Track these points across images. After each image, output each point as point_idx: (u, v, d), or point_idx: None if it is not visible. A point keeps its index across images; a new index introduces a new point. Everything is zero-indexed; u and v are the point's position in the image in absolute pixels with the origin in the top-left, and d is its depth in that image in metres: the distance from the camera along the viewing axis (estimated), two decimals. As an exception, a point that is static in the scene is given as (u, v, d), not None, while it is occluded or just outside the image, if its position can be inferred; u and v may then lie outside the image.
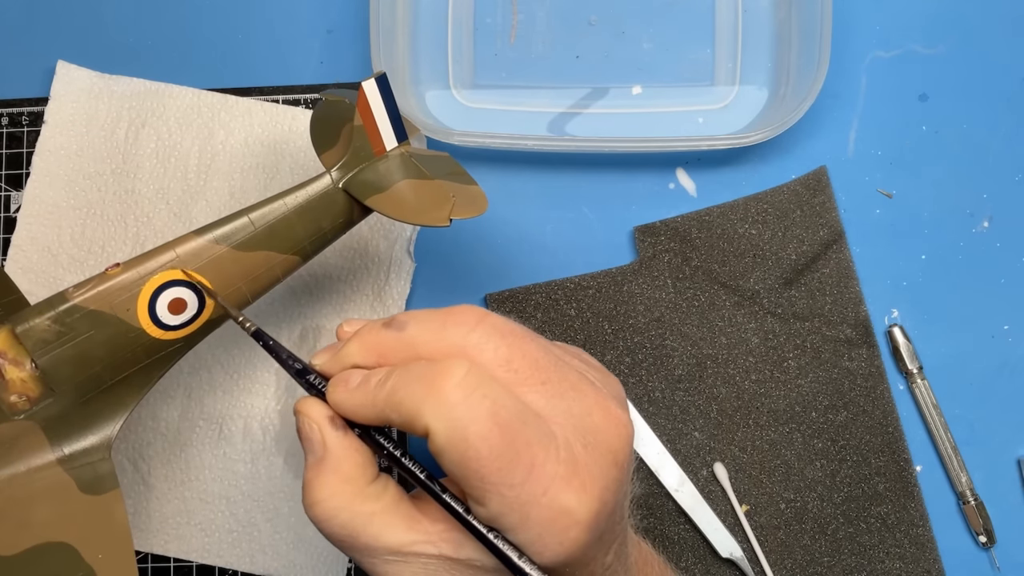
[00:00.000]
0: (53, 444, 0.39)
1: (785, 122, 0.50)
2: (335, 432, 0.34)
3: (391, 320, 0.34)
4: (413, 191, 0.42)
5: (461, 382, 0.31)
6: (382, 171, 0.43)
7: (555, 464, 0.31)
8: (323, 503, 0.33)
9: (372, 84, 0.41)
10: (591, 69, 0.54)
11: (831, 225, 0.52)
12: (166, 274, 0.40)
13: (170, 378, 0.52)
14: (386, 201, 0.42)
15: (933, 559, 0.51)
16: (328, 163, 0.42)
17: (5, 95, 0.54)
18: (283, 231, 0.41)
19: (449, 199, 0.42)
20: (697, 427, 0.51)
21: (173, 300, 0.40)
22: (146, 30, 0.55)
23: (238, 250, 0.41)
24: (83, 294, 0.39)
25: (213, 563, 0.51)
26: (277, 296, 0.52)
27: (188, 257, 0.40)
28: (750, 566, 0.51)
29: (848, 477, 0.51)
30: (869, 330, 0.52)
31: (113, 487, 0.39)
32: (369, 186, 0.42)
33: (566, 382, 0.33)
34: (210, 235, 0.40)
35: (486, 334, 0.33)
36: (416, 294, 0.53)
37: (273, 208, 0.41)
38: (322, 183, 0.42)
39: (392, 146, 0.43)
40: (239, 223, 0.41)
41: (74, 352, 0.39)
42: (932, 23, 0.54)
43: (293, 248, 0.42)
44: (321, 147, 0.43)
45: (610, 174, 0.54)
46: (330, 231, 0.43)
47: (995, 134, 0.53)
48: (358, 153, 0.42)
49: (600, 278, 0.52)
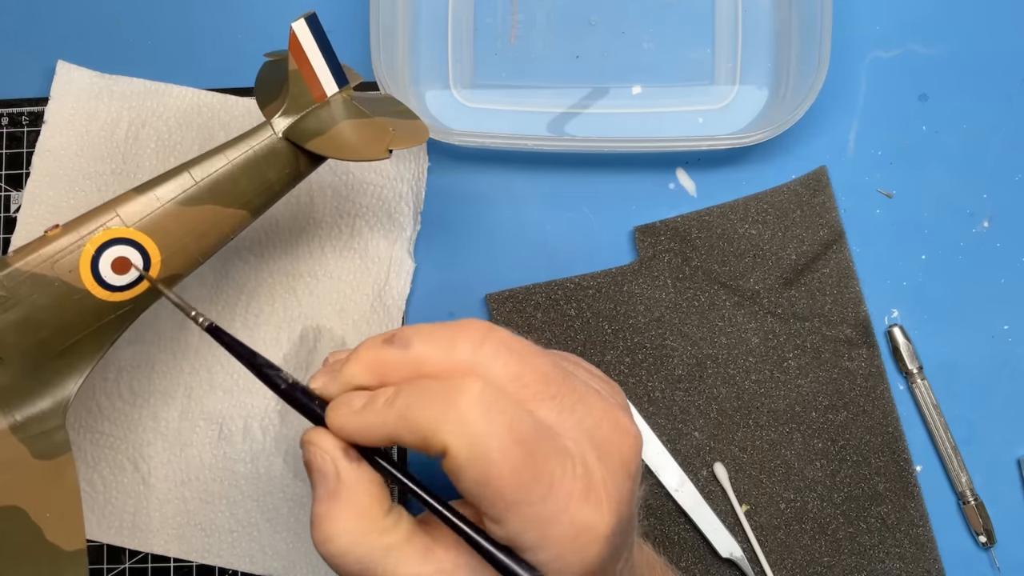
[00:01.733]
0: (5, 412, 0.39)
1: (785, 122, 0.50)
2: (350, 463, 0.32)
3: (393, 336, 0.33)
4: (354, 131, 0.42)
5: (478, 398, 0.30)
6: (323, 116, 0.42)
7: (572, 480, 0.31)
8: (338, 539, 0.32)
9: (302, 24, 0.40)
10: (591, 69, 0.54)
11: (831, 225, 0.52)
12: (107, 232, 0.39)
13: (170, 378, 0.52)
14: (327, 143, 0.41)
15: (933, 559, 0.51)
16: (269, 115, 0.42)
17: (5, 95, 0.54)
18: (227, 185, 0.41)
19: (388, 132, 0.42)
20: (697, 427, 0.51)
21: (116, 259, 0.39)
22: (146, 30, 0.55)
23: (181, 206, 0.40)
24: (23, 257, 0.38)
25: (213, 563, 0.51)
26: (277, 296, 0.52)
27: (129, 215, 0.39)
28: (750, 566, 0.51)
29: (848, 477, 0.51)
30: (869, 330, 0.52)
31: (65, 452, 0.39)
32: (310, 132, 0.42)
33: (575, 395, 0.33)
34: (151, 192, 0.40)
35: (495, 349, 0.32)
36: (416, 294, 0.53)
37: (214, 161, 0.41)
38: (263, 133, 0.42)
39: (332, 91, 0.43)
40: (180, 179, 0.40)
41: (18, 317, 0.38)
42: (932, 23, 0.54)
43: (239, 202, 0.41)
44: (264, 103, 0.43)
45: (610, 174, 0.54)
46: (277, 183, 0.42)
47: (995, 134, 0.53)
48: (297, 100, 0.42)
49: (600, 278, 0.52)
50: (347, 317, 0.52)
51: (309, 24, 0.41)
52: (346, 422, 0.32)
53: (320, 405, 0.33)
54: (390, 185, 0.53)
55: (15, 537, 0.38)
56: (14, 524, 0.38)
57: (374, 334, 0.52)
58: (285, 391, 0.34)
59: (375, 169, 0.53)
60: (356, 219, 0.53)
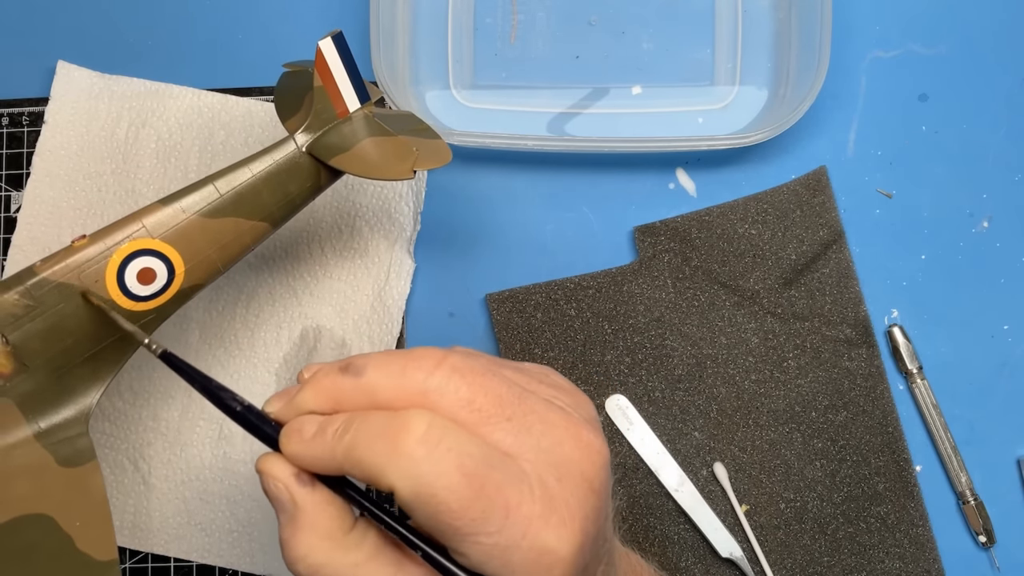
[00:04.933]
0: (29, 420, 0.39)
1: (785, 122, 0.50)
2: (303, 489, 0.33)
3: (348, 364, 0.33)
4: (376, 148, 0.43)
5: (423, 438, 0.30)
6: (346, 132, 0.43)
7: (531, 504, 0.30)
8: (303, 560, 0.32)
9: (329, 43, 0.41)
10: (591, 69, 0.54)
11: (831, 225, 0.53)
12: (134, 243, 0.39)
13: (170, 378, 0.52)
14: (350, 160, 0.42)
15: (933, 559, 0.51)
16: (292, 128, 0.43)
17: (5, 95, 0.54)
18: (250, 197, 0.41)
19: (412, 152, 0.42)
20: (697, 427, 0.51)
21: (142, 270, 0.40)
22: (146, 30, 0.55)
23: (205, 218, 0.41)
24: (50, 267, 0.39)
25: (213, 563, 0.51)
26: (277, 296, 0.52)
27: (155, 226, 0.40)
28: (750, 566, 0.51)
29: (848, 477, 0.51)
30: (869, 330, 0.52)
31: (90, 459, 0.39)
32: (333, 147, 0.42)
33: (533, 415, 0.32)
34: (176, 204, 0.40)
35: (446, 376, 0.32)
36: (416, 294, 0.53)
37: (238, 175, 0.41)
38: (286, 147, 0.42)
39: (355, 107, 0.43)
40: (205, 191, 0.41)
41: (44, 326, 0.38)
42: (932, 23, 0.54)
43: (261, 214, 0.42)
44: (285, 116, 0.44)
45: (610, 174, 0.54)
46: (298, 196, 0.43)
47: (995, 134, 0.54)
48: (320, 116, 0.42)
49: (600, 278, 0.52)
50: (347, 317, 0.52)
51: (336, 42, 0.41)
52: (296, 451, 0.33)
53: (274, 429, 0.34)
54: (390, 185, 0.53)
55: (46, 546, 0.37)
56: (44, 532, 0.38)
57: (374, 334, 0.52)
58: (240, 414, 0.34)
59: (375, 169, 0.53)
60: (356, 219, 0.53)
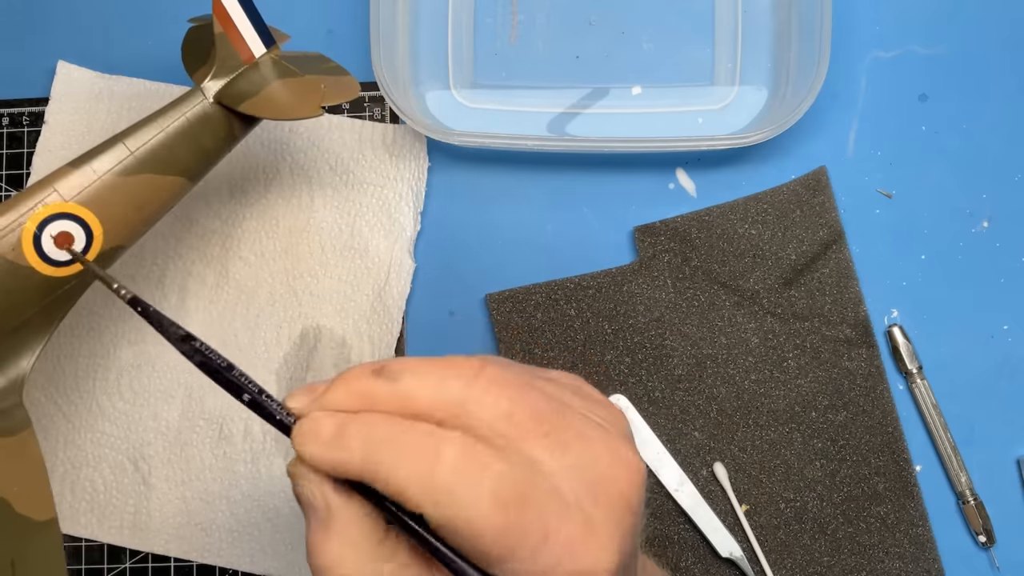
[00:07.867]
0: None
1: (785, 122, 0.50)
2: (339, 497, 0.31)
3: (382, 367, 0.31)
4: (285, 90, 0.43)
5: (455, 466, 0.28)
6: (253, 78, 0.43)
7: (569, 526, 0.29)
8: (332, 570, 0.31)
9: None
10: (591, 69, 0.54)
11: (831, 225, 0.53)
12: (47, 208, 0.39)
13: (170, 378, 0.52)
14: (259, 104, 0.42)
15: (933, 559, 0.51)
16: (199, 79, 0.43)
17: (5, 95, 0.54)
18: (162, 152, 0.41)
19: (320, 89, 0.43)
20: (697, 427, 0.52)
21: (59, 234, 0.39)
22: (146, 30, 0.55)
23: (119, 176, 0.40)
24: None
25: (213, 563, 0.51)
26: (277, 296, 0.52)
27: (68, 190, 0.40)
28: (750, 566, 0.51)
29: (848, 477, 0.51)
30: (869, 330, 0.52)
31: (26, 428, 0.39)
32: (242, 94, 0.42)
33: (571, 431, 0.31)
34: (87, 165, 0.40)
35: (484, 388, 0.30)
36: (416, 294, 0.53)
37: (148, 131, 0.41)
38: (194, 98, 0.42)
39: (260, 52, 0.43)
40: (115, 150, 0.41)
41: None
42: (932, 23, 0.54)
43: (175, 169, 0.42)
44: (192, 69, 0.44)
45: (610, 174, 0.54)
46: (212, 148, 0.43)
47: (995, 134, 0.53)
48: (225, 63, 0.42)
49: (600, 278, 0.52)
50: (347, 317, 0.52)
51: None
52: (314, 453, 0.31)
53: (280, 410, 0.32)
54: (390, 185, 0.53)
55: None
56: None
57: (374, 334, 0.52)
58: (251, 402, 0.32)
59: (375, 169, 0.53)
60: (356, 219, 0.53)
